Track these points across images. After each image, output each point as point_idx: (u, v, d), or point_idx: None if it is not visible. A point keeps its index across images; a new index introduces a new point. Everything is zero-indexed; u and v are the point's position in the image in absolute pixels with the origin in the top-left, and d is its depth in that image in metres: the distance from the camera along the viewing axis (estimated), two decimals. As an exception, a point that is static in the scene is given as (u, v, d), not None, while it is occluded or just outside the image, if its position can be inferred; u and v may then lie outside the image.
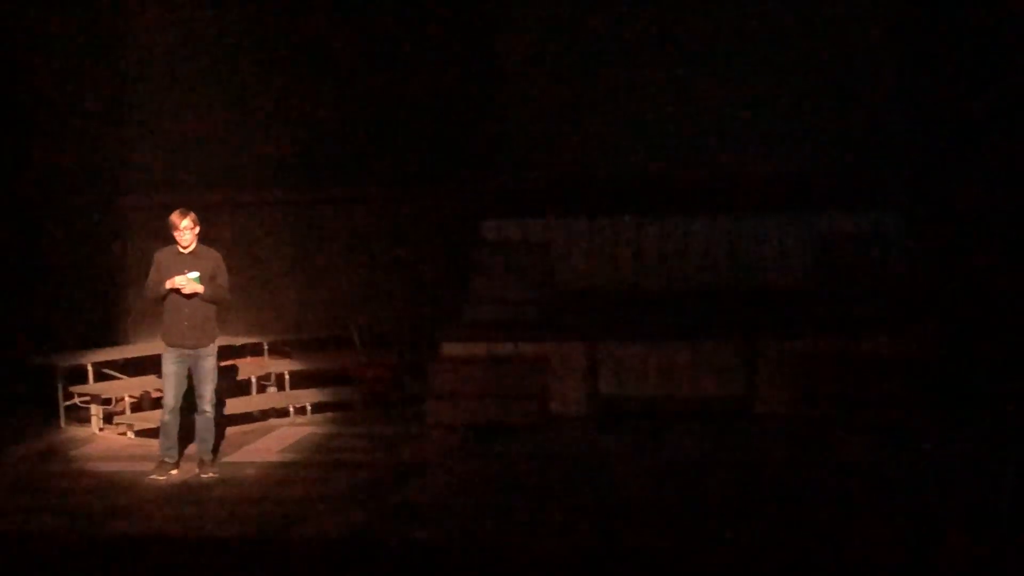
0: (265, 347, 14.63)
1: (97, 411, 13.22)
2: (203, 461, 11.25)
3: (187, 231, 11.02)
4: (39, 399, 13.71)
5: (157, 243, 11.79)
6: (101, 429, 13.16)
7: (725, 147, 14.86)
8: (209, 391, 11.16)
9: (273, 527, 9.60)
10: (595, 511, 9.88)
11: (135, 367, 13.85)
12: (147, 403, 13.40)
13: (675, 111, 15.00)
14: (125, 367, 13.91)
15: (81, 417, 13.46)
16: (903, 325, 13.11)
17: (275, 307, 15.39)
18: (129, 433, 12.89)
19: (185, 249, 11.06)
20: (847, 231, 14.26)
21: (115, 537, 9.49)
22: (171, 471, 11.14)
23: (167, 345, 11.11)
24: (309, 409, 13.69)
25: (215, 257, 11.21)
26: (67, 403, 13.47)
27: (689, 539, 9.17)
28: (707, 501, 10.10)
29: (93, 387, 13.43)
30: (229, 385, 13.23)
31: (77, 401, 13.56)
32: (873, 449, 11.64)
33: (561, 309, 14.06)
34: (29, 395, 13.89)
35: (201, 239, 11.15)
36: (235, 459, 11.81)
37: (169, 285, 10.95)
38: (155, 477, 11.04)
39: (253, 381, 13.93)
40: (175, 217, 11.07)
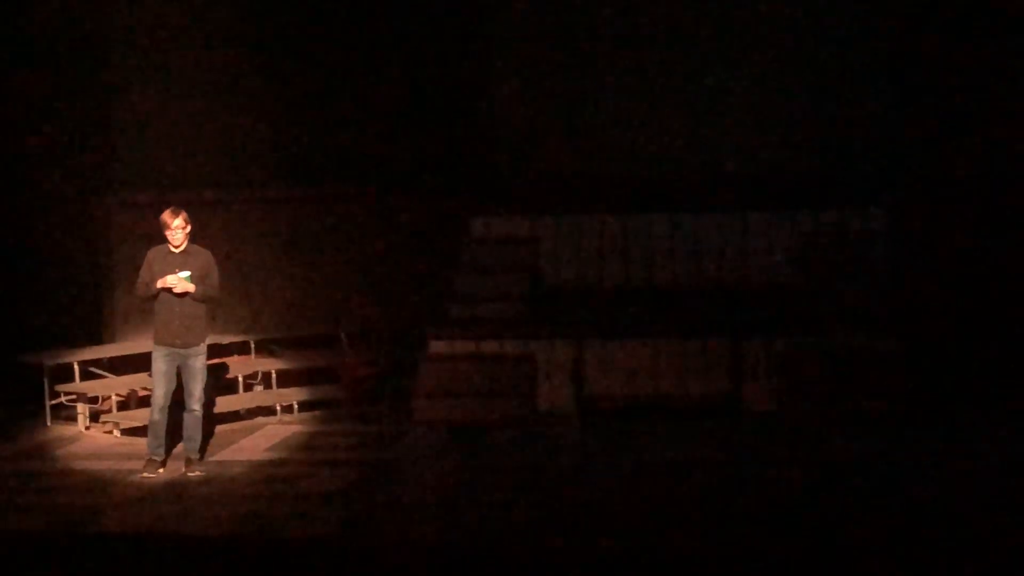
0: (252, 345, 14.63)
1: (84, 410, 13.21)
2: (190, 460, 11.25)
3: (179, 230, 11.03)
4: (26, 397, 13.69)
5: (145, 241, 11.79)
6: (88, 428, 13.15)
7: (710, 145, 14.89)
8: (198, 390, 11.17)
9: (260, 526, 9.60)
10: (581, 509, 9.91)
11: (122, 366, 13.83)
12: (134, 402, 13.39)
13: (662, 110, 15.02)
14: (112, 366, 13.90)
15: (68, 416, 13.44)
16: (887, 322, 13.15)
17: (262, 305, 15.37)
18: (116, 432, 12.89)
19: (177, 248, 11.07)
20: (831, 228, 14.29)
21: (102, 535, 9.49)
22: (159, 469, 11.15)
23: (157, 344, 11.11)
24: (296, 407, 13.70)
25: (206, 256, 11.21)
26: (54, 402, 13.45)
27: (676, 538, 9.20)
28: (692, 499, 10.13)
29: (80, 386, 13.41)
30: (216, 383, 13.23)
31: (64, 400, 13.54)
32: (858, 445, 11.69)
33: (548, 307, 14.07)
34: (15, 393, 13.87)
35: (191, 238, 11.16)
36: (222, 457, 11.81)
37: (161, 284, 10.96)
38: (143, 475, 11.05)
39: (240, 380, 13.93)
40: (167, 216, 11.07)
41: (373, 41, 15.39)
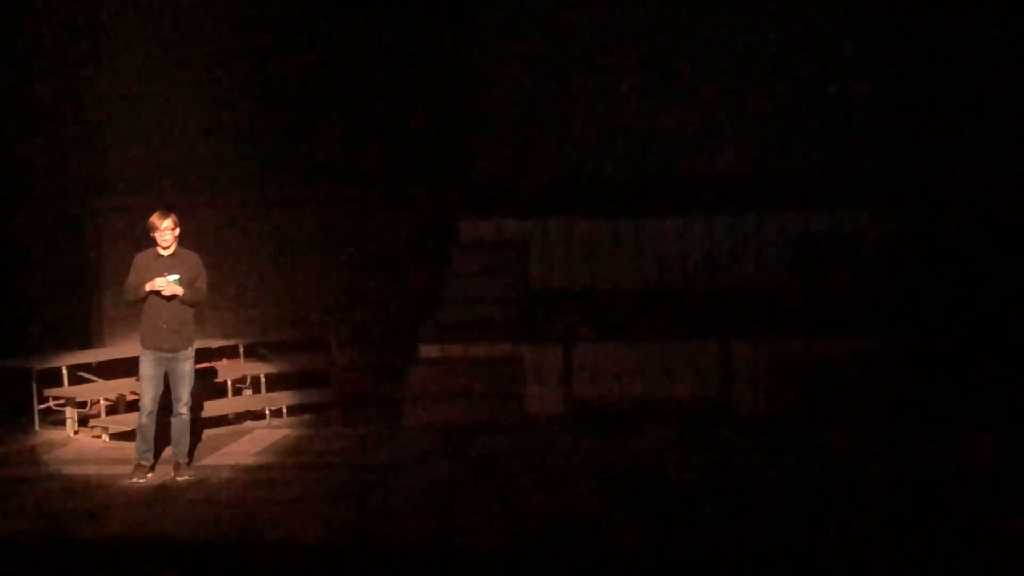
0: (241, 349, 14.60)
1: (72, 414, 13.18)
2: (179, 464, 11.22)
3: (167, 232, 11.00)
4: (13, 402, 13.65)
5: (133, 245, 11.76)
6: (76, 432, 13.12)
7: (701, 148, 14.91)
8: (186, 394, 11.14)
9: (249, 530, 9.58)
10: (571, 512, 9.90)
11: (110, 370, 13.80)
12: (122, 406, 13.36)
13: (651, 112, 15.03)
14: (100, 370, 13.86)
15: (56, 420, 13.41)
16: (877, 324, 13.16)
17: (251, 309, 15.35)
18: (104, 436, 12.86)
19: (165, 251, 11.04)
20: (822, 231, 14.31)
21: (90, 540, 9.46)
22: (147, 474, 11.11)
23: (145, 348, 11.08)
24: (285, 411, 13.67)
25: (194, 259, 11.18)
26: (42, 406, 13.41)
27: (667, 540, 9.19)
28: (683, 501, 10.12)
29: (68, 390, 13.37)
30: (205, 387, 13.21)
31: (52, 404, 13.50)
32: (848, 448, 11.70)
33: (538, 310, 14.07)
34: (3, 397, 13.82)
35: (179, 241, 11.13)
36: (211, 462, 11.79)
37: (149, 287, 10.93)
38: (131, 480, 11.02)
39: (229, 383, 13.90)
40: (155, 219, 11.04)
41: (363, 44, 15.39)
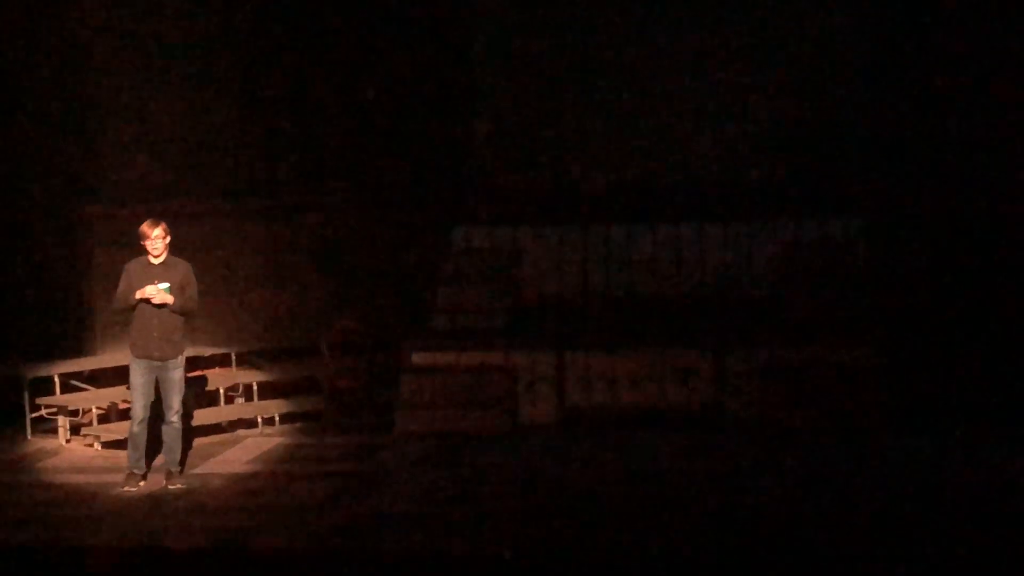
0: (233, 357, 14.58)
1: (64, 422, 13.15)
2: (170, 472, 11.21)
3: (158, 240, 11.00)
4: (5, 410, 13.61)
5: (124, 253, 11.75)
6: (68, 441, 13.09)
7: (692, 156, 14.92)
8: (177, 402, 11.13)
9: (241, 538, 9.57)
10: (564, 520, 9.89)
11: (102, 378, 13.78)
12: (114, 414, 13.34)
13: (643, 121, 15.05)
14: (92, 378, 13.84)
15: (48, 429, 13.39)
16: (869, 332, 13.18)
17: (243, 317, 15.33)
18: (96, 445, 12.84)
19: (156, 259, 11.03)
20: (813, 238, 14.33)
21: (82, 549, 9.44)
22: (139, 482, 11.10)
23: (135, 356, 11.07)
24: (277, 420, 13.67)
25: (185, 268, 11.18)
26: (34, 415, 13.39)
27: (659, 548, 9.19)
28: (676, 510, 10.12)
29: (60, 398, 13.35)
30: (197, 396, 13.19)
31: (44, 413, 13.48)
32: (840, 456, 11.70)
33: (530, 318, 14.08)
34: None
35: (169, 249, 11.12)
36: (203, 470, 11.78)
37: (139, 295, 10.92)
38: (123, 489, 11.00)
39: (221, 392, 13.89)
40: (146, 227, 11.03)
41: (355, 52, 15.39)
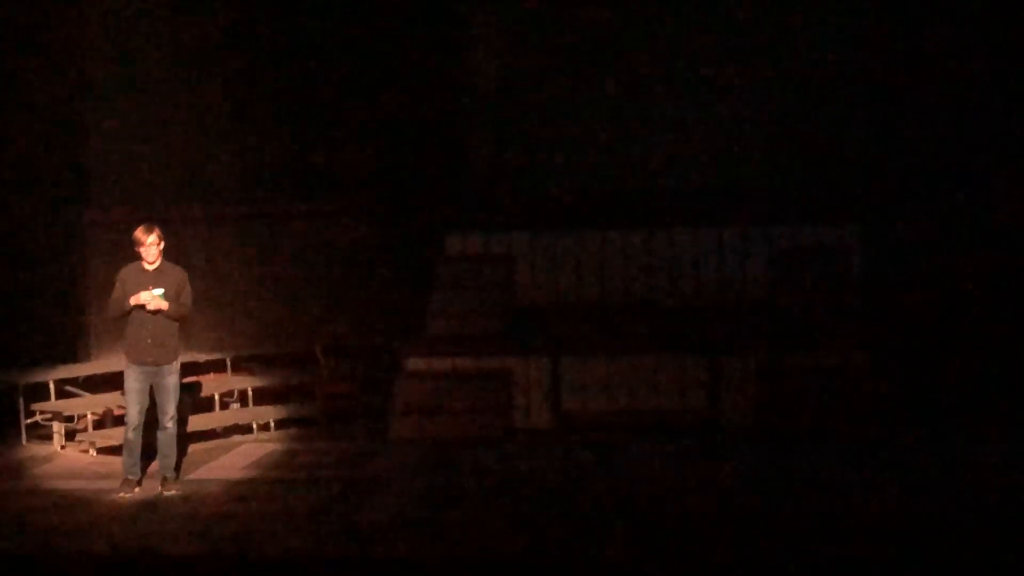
0: (228, 363, 14.58)
1: (59, 428, 13.15)
2: (165, 478, 11.21)
3: (152, 247, 11.00)
4: (0, 417, 13.61)
5: (119, 258, 11.75)
6: (63, 447, 13.08)
7: (687, 162, 14.95)
8: (171, 408, 11.13)
9: (235, 544, 9.56)
10: (558, 526, 9.90)
11: (97, 384, 13.77)
12: (109, 420, 13.34)
13: (637, 127, 15.08)
14: (87, 384, 13.83)
15: (43, 435, 13.37)
16: (863, 337, 13.19)
17: (238, 323, 15.33)
18: (91, 451, 12.83)
19: (150, 265, 11.04)
20: (807, 244, 14.34)
21: (78, 555, 9.44)
22: (134, 488, 11.10)
23: (130, 362, 11.08)
24: (272, 425, 13.67)
25: (179, 274, 11.19)
26: (28, 420, 13.38)
27: (653, 553, 9.20)
28: (670, 515, 10.13)
29: (55, 404, 13.34)
30: (192, 402, 13.18)
31: (39, 419, 13.47)
32: (835, 460, 11.72)
33: (524, 324, 14.09)
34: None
35: (164, 255, 11.13)
36: (198, 476, 11.77)
37: (134, 301, 10.93)
38: (118, 495, 11.00)
39: (216, 398, 13.88)
40: (140, 233, 11.03)
41: (348, 58, 15.41)
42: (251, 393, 14.06)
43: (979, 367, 13.15)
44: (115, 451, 11.99)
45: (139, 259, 11.08)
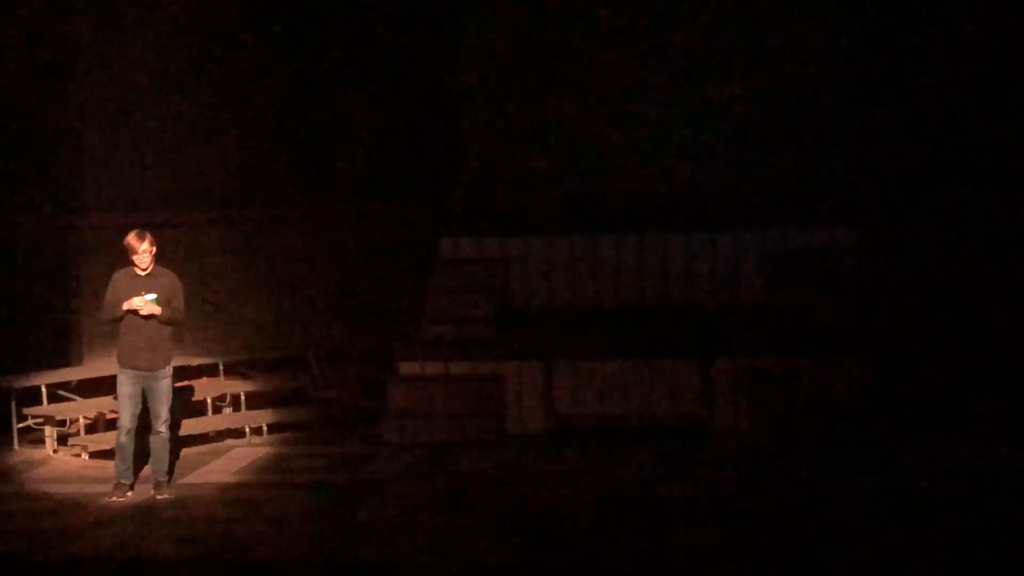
0: (221, 367, 14.57)
1: (51, 433, 13.12)
2: (158, 483, 11.19)
3: (146, 254, 10.98)
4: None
5: (112, 263, 11.73)
6: (55, 451, 13.06)
7: (680, 165, 14.95)
8: (164, 412, 11.12)
9: (228, 548, 9.56)
10: (551, 530, 9.89)
11: (90, 388, 13.75)
12: (102, 425, 13.32)
13: (629, 130, 15.08)
14: (80, 388, 13.82)
15: (35, 439, 13.35)
16: (856, 340, 13.20)
17: (230, 327, 15.32)
18: (84, 455, 12.81)
19: (143, 271, 11.02)
20: (800, 247, 14.35)
21: (70, 559, 9.43)
22: (127, 493, 11.08)
23: (122, 367, 11.06)
24: (265, 430, 13.65)
25: (172, 278, 11.17)
26: (21, 425, 13.36)
27: (647, 558, 9.20)
28: (663, 519, 10.13)
29: (47, 408, 13.32)
30: (185, 406, 13.17)
31: (31, 423, 13.45)
32: (828, 464, 11.72)
33: (518, 327, 14.08)
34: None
35: (156, 259, 11.11)
36: (191, 480, 11.76)
37: (127, 306, 10.91)
38: (111, 499, 10.98)
39: (209, 402, 13.86)
40: (133, 240, 11.01)
41: (341, 61, 15.39)
42: (244, 397, 14.04)
43: (974, 370, 13.16)
44: (108, 455, 11.98)
45: (131, 264, 11.06)
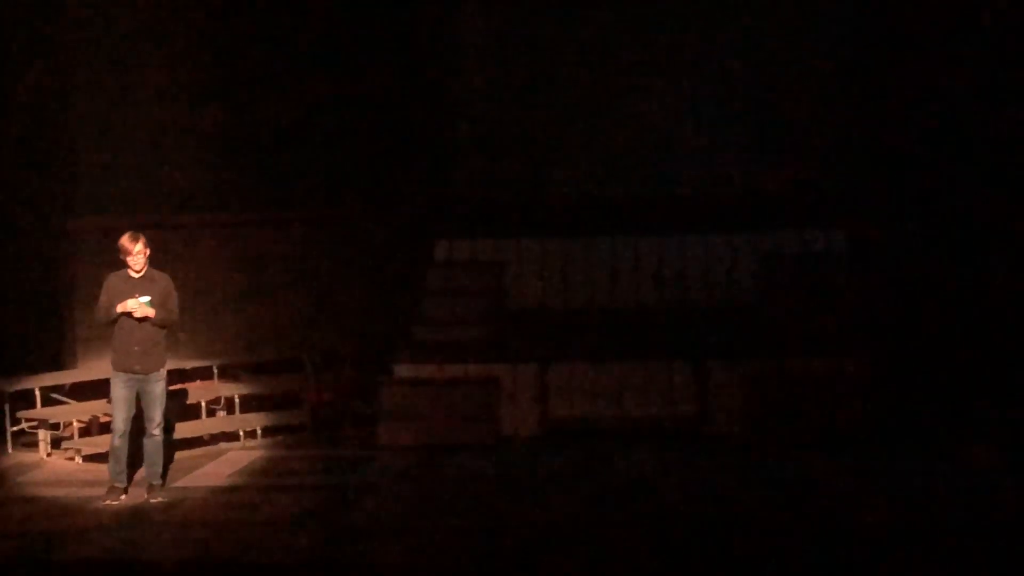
0: (214, 371, 14.55)
1: (45, 436, 13.10)
2: (152, 486, 11.18)
3: (139, 255, 10.97)
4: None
5: (105, 266, 11.72)
6: (49, 454, 13.04)
7: (674, 168, 14.96)
8: (158, 415, 11.10)
9: (223, 551, 9.54)
10: (546, 533, 9.89)
11: (83, 391, 13.73)
12: (96, 428, 13.29)
13: (625, 133, 15.09)
14: (73, 391, 13.80)
15: (29, 442, 13.34)
16: (850, 342, 13.21)
17: (224, 330, 15.30)
18: (77, 458, 12.79)
19: (136, 273, 11.01)
20: (794, 250, 14.37)
21: (64, 563, 9.41)
22: (121, 496, 11.06)
23: (116, 369, 11.05)
24: (259, 433, 13.64)
25: (165, 281, 11.16)
26: (14, 428, 13.35)
27: (641, 561, 9.19)
28: (658, 522, 10.13)
29: (41, 412, 13.31)
30: (178, 409, 13.15)
31: (25, 426, 13.43)
32: (823, 466, 11.72)
33: (512, 330, 14.08)
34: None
35: (149, 262, 11.10)
36: (184, 483, 11.74)
37: (121, 309, 10.90)
38: (105, 502, 10.96)
39: (202, 405, 13.85)
40: (126, 242, 10.99)
41: (335, 66, 15.38)
42: (238, 400, 14.03)
43: (971, 372, 13.16)
44: (101, 458, 11.96)
45: (125, 267, 11.05)
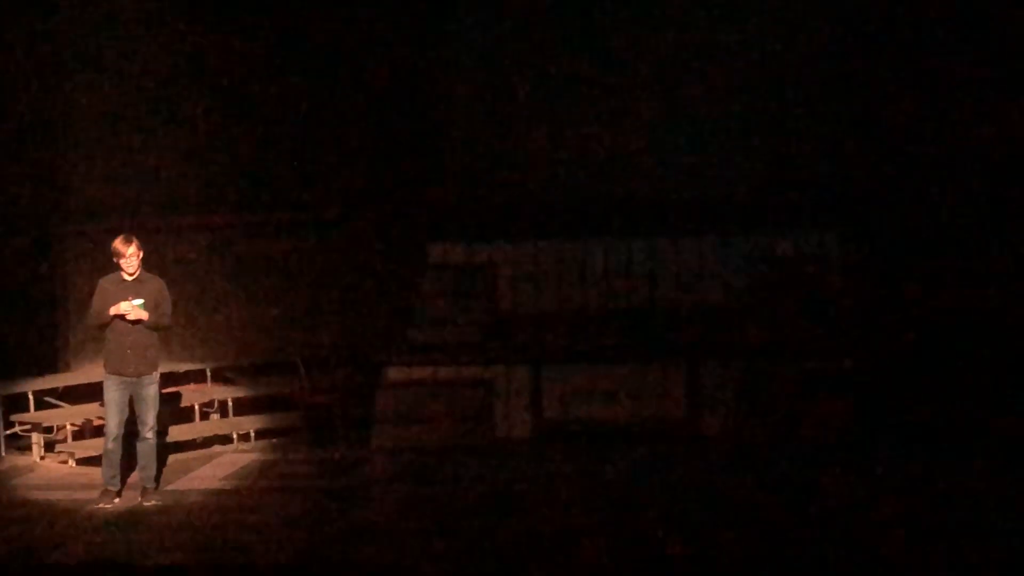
0: (208, 373, 14.56)
1: (38, 439, 13.11)
2: (145, 489, 11.18)
3: (132, 258, 10.98)
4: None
5: (97, 269, 11.72)
6: (42, 458, 13.05)
7: (665, 170, 14.96)
8: (151, 418, 11.10)
9: (217, 554, 9.54)
10: (539, 535, 9.90)
11: (76, 395, 13.74)
12: (89, 431, 13.30)
13: (616, 135, 15.09)
14: (66, 395, 13.80)
15: (22, 445, 13.34)
16: (841, 346, 13.23)
17: (217, 333, 15.31)
18: (71, 461, 12.80)
19: (129, 276, 11.02)
20: (785, 251, 14.38)
21: (57, 566, 9.40)
22: (114, 499, 11.07)
23: (109, 372, 11.05)
24: (252, 435, 13.65)
25: (158, 284, 11.17)
26: (7, 431, 13.35)
27: (636, 563, 9.21)
28: (651, 524, 10.14)
29: (34, 415, 13.31)
30: (172, 412, 13.16)
31: (18, 430, 13.44)
32: (814, 469, 11.74)
33: (505, 332, 14.10)
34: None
35: (142, 265, 11.11)
36: (178, 486, 11.75)
37: (114, 311, 10.90)
38: (98, 505, 10.97)
39: (196, 408, 13.86)
40: (119, 245, 11.00)
41: (327, 67, 15.39)
42: (231, 403, 14.04)
43: (961, 374, 13.18)
44: (94, 462, 11.96)
45: (118, 270, 11.06)
